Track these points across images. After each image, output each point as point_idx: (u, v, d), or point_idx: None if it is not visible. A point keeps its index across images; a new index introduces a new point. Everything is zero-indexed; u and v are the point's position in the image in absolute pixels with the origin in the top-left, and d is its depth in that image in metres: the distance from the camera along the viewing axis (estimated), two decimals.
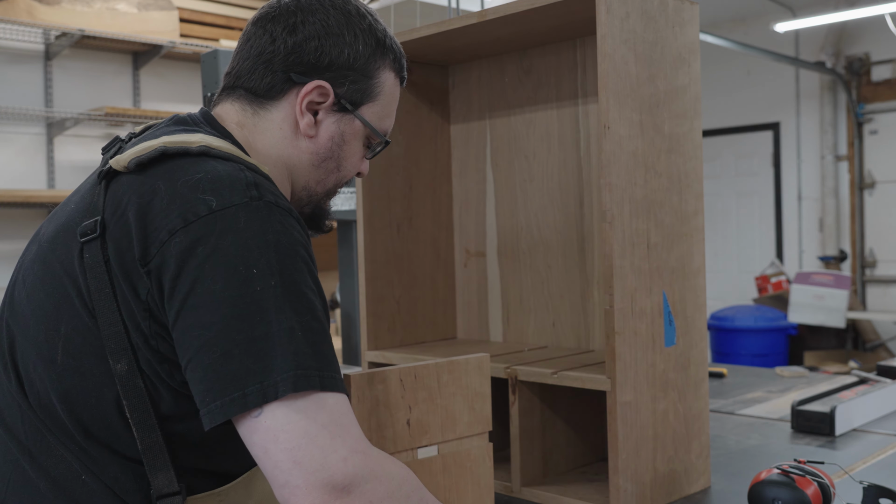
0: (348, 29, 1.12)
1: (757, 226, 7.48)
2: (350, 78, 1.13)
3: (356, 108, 1.15)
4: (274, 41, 1.11)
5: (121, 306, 0.95)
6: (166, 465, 0.97)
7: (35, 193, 4.13)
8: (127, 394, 0.96)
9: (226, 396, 0.89)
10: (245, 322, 0.90)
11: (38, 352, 1.00)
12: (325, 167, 1.16)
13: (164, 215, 0.94)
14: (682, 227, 1.56)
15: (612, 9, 1.41)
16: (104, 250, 0.97)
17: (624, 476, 1.42)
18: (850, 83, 6.94)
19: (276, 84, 1.12)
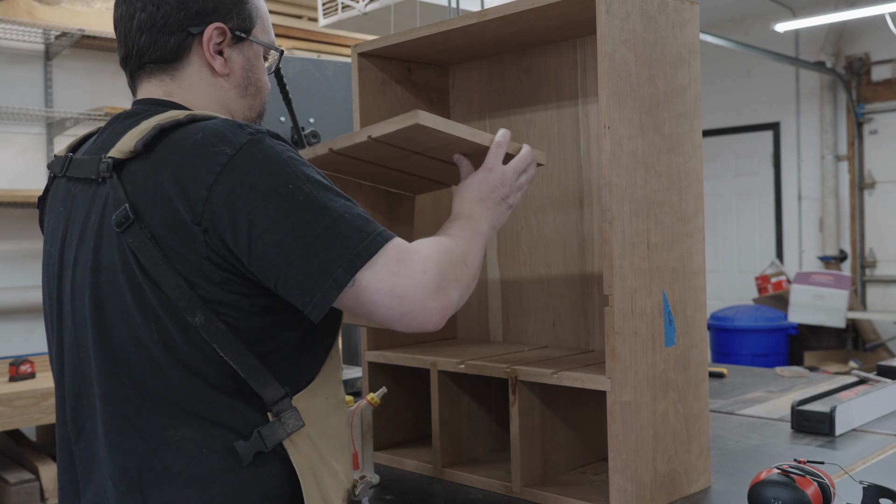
0: None
1: (757, 226, 7.48)
2: (234, 10, 1.25)
3: (248, 34, 1.28)
4: (159, 8, 1.21)
5: (179, 270, 1.08)
6: (269, 379, 1.13)
7: (35, 193, 4.13)
8: (213, 337, 1.10)
9: (322, 287, 1.06)
10: (307, 226, 1.06)
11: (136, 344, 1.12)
12: (249, 93, 1.30)
13: (193, 177, 1.07)
14: (683, 227, 1.56)
15: (612, 9, 1.41)
16: (145, 230, 1.09)
17: (624, 476, 1.42)
18: (850, 83, 6.94)
19: (181, 42, 1.22)
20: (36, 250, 4.45)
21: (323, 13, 3.69)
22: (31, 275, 4.42)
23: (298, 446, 1.15)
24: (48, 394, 3.62)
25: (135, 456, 1.13)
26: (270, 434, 1.12)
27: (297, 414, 1.14)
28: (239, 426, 1.13)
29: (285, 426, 1.13)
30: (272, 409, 1.13)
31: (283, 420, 1.13)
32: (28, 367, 3.85)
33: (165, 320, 1.10)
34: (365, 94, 1.91)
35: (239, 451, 1.12)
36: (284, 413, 1.13)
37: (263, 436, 1.12)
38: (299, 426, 1.14)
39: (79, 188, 1.21)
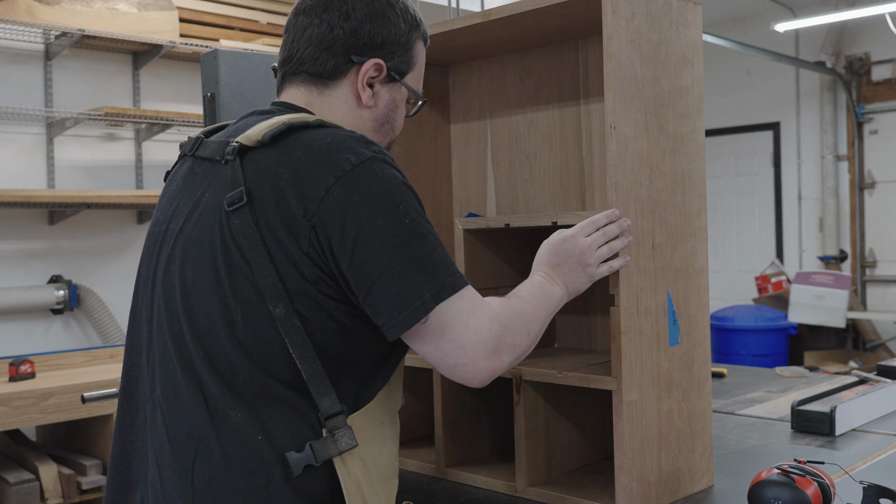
0: (391, 10, 1.31)
1: (757, 226, 7.48)
2: (397, 53, 1.32)
3: (402, 77, 1.34)
4: (332, 29, 1.27)
5: (274, 259, 1.12)
6: (329, 389, 1.15)
7: (35, 193, 4.12)
8: (287, 332, 1.13)
9: (409, 307, 1.10)
10: (408, 247, 1.11)
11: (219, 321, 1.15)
12: (384, 130, 1.36)
13: (314, 176, 1.12)
14: (686, 227, 1.57)
15: (617, 9, 1.42)
16: (253, 214, 1.13)
17: (630, 475, 1.42)
18: (850, 83, 6.94)
19: (339, 66, 1.29)
20: (36, 250, 4.45)
21: None
22: (31, 275, 4.42)
23: (349, 466, 1.16)
24: (48, 394, 3.62)
25: (198, 426, 1.15)
26: (322, 449, 1.14)
27: (351, 433, 1.16)
28: (294, 428, 1.14)
29: (338, 443, 1.15)
30: (326, 423, 1.15)
31: (336, 437, 1.15)
32: (28, 367, 3.85)
33: (249, 305, 1.13)
34: None
35: (290, 461, 1.13)
36: (339, 430, 1.15)
37: (315, 450, 1.13)
38: (352, 445, 1.16)
39: (202, 167, 1.26)
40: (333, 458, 1.15)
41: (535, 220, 1.56)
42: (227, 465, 1.13)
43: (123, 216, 4.74)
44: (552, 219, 1.53)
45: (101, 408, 3.68)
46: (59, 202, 4.25)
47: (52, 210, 4.42)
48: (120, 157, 4.76)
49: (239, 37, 5.04)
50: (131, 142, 4.80)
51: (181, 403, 1.17)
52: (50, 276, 4.45)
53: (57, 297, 4.37)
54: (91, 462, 3.79)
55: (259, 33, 5.12)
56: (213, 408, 1.15)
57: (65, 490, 3.68)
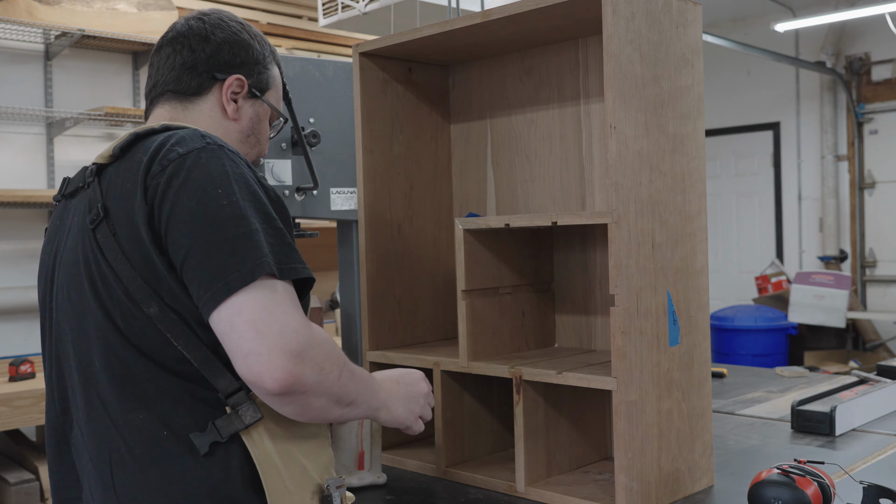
0: (246, 34, 1.43)
1: (757, 226, 7.48)
2: (256, 70, 1.43)
3: (262, 94, 1.45)
4: (194, 52, 1.39)
5: (134, 265, 1.16)
6: (221, 370, 1.16)
7: (35, 193, 4.13)
8: (167, 327, 1.16)
9: (213, 287, 1.10)
10: (217, 228, 1.12)
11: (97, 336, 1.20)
12: (249, 142, 1.45)
13: (150, 173, 1.18)
14: (686, 227, 1.57)
15: (618, 9, 1.42)
16: (111, 226, 1.19)
17: (629, 475, 1.42)
18: (850, 83, 6.94)
19: (204, 83, 1.39)
20: (36, 250, 4.45)
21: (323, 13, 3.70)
22: (31, 275, 4.42)
23: (255, 438, 1.18)
24: None
25: (106, 438, 1.20)
26: (225, 425, 1.16)
27: (254, 406, 1.17)
28: (198, 416, 1.17)
29: (242, 418, 1.16)
30: (228, 401, 1.17)
31: (239, 412, 1.17)
32: (28, 367, 3.85)
33: (125, 308, 1.18)
34: (366, 93, 1.91)
35: (194, 441, 1.16)
36: (241, 406, 1.17)
37: (219, 427, 1.16)
38: (257, 418, 1.17)
39: (73, 202, 1.33)
40: (240, 432, 1.17)
41: (535, 220, 1.57)
42: (140, 466, 1.17)
43: None
44: (552, 219, 1.53)
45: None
46: None
47: (52, 210, 4.42)
48: None
49: None
50: None
51: (90, 419, 1.22)
52: None
53: None
54: None
55: None
56: (114, 417, 1.19)
57: None
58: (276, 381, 1.07)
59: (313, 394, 1.12)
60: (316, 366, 1.11)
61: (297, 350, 1.09)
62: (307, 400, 1.12)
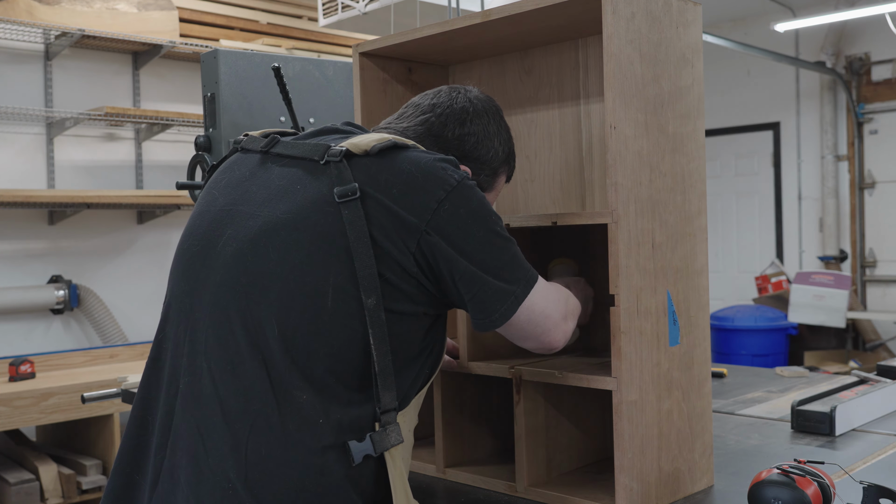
0: (498, 138, 1.51)
1: (757, 226, 7.48)
2: (485, 172, 1.51)
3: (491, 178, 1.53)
4: (445, 127, 1.46)
5: (376, 253, 1.21)
6: (392, 385, 1.23)
7: (35, 193, 4.13)
8: (372, 323, 1.20)
9: (508, 300, 1.29)
10: (501, 252, 1.30)
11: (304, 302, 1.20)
12: None
13: (426, 189, 1.25)
14: (686, 227, 1.57)
15: (618, 9, 1.42)
16: (364, 209, 1.23)
17: (630, 475, 1.42)
18: (850, 83, 6.94)
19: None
20: (36, 250, 4.45)
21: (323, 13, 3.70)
22: (31, 275, 4.42)
23: (395, 461, 1.23)
24: (48, 394, 3.63)
25: (258, 401, 1.18)
26: (381, 441, 1.21)
27: (399, 429, 1.23)
28: (353, 417, 1.20)
29: (390, 438, 1.21)
30: (381, 417, 1.21)
31: (387, 431, 1.21)
32: (28, 367, 3.85)
33: (342, 292, 1.20)
34: (366, 93, 1.91)
35: (351, 449, 1.19)
36: (391, 425, 1.22)
37: (374, 441, 1.20)
38: (399, 441, 1.23)
39: (282, 163, 1.33)
40: (385, 451, 1.21)
41: (535, 220, 1.57)
42: (286, 442, 1.17)
43: (123, 216, 4.74)
44: (552, 219, 1.53)
45: (101, 408, 3.68)
46: (59, 202, 4.25)
47: (52, 210, 4.43)
48: (120, 157, 4.76)
49: (239, 37, 5.05)
50: (131, 142, 4.80)
51: (240, 378, 1.20)
52: (50, 276, 4.45)
53: (57, 297, 4.37)
54: (91, 462, 3.79)
55: (259, 33, 5.12)
56: (277, 385, 1.18)
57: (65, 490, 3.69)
58: (562, 342, 1.40)
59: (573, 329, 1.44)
60: (573, 316, 1.44)
61: (564, 314, 1.40)
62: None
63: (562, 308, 1.39)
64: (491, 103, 1.52)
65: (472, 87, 1.54)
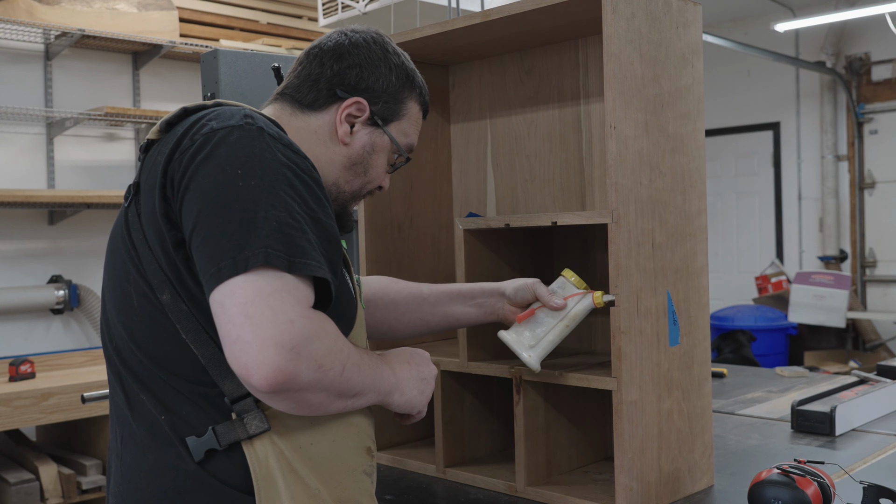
0: (385, 63, 1.34)
1: (757, 226, 7.48)
2: (383, 100, 1.34)
3: (385, 124, 1.35)
4: (322, 65, 1.32)
5: (153, 247, 1.13)
6: (229, 371, 1.09)
7: (35, 193, 4.13)
8: (177, 318, 1.11)
9: (209, 270, 1.03)
10: (225, 209, 1.05)
11: (118, 307, 1.19)
12: (355, 170, 1.34)
13: (182, 147, 1.12)
14: (686, 227, 1.57)
15: (618, 9, 1.42)
16: (138, 206, 1.16)
17: (630, 475, 1.42)
18: (850, 83, 6.94)
19: (321, 98, 1.31)
20: (36, 250, 4.45)
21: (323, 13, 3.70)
22: (31, 275, 4.42)
23: (259, 451, 1.11)
24: (48, 394, 3.63)
25: (122, 410, 1.21)
26: (225, 432, 1.10)
27: (262, 416, 1.10)
28: (202, 411, 1.12)
29: (246, 427, 1.10)
30: (234, 406, 1.10)
31: (245, 420, 1.10)
32: (28, 367, 3.85)
33: (141, 293, 1.15)
34: None
35: (189, 446, 1.10)
36: (248, 413, 1.10)
37: (218, 433, 1.10)
38: (263, 429, 1.10)
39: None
40: (242, 441, 1.10)
41: (535, 220, 1.56)
42: (142, 445, 1.16)
43: None
44: (552, 219, 1.53)
45: (101, 408, 3.68)
46: (59, 202, 4.25)
47: (52, 210, 4.42)
48: (120, 157, 4.76)
49: (239, 37, 5.05)
50: (131, 142, 4.80)
51: (113, 392, 1.23)
52: (50, 276, 4.45)
53: (57, 297, 4.37)
54: (91, 462, 3.79)
55: (259, 33, 5.12)
56: (129, 392, 1.18)
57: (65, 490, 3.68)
58: (263, 378, 0.98)
59: (309, 391, 1.03)
60: (314, 362, 1.01)
61: (290, 343, 0.99)
62: (302, 396, 1.03)
63: (294, 332, 0.99)
64: (371, 35, 1.36)
65: (357, 26, 1.39)
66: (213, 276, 1.02)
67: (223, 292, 1.01)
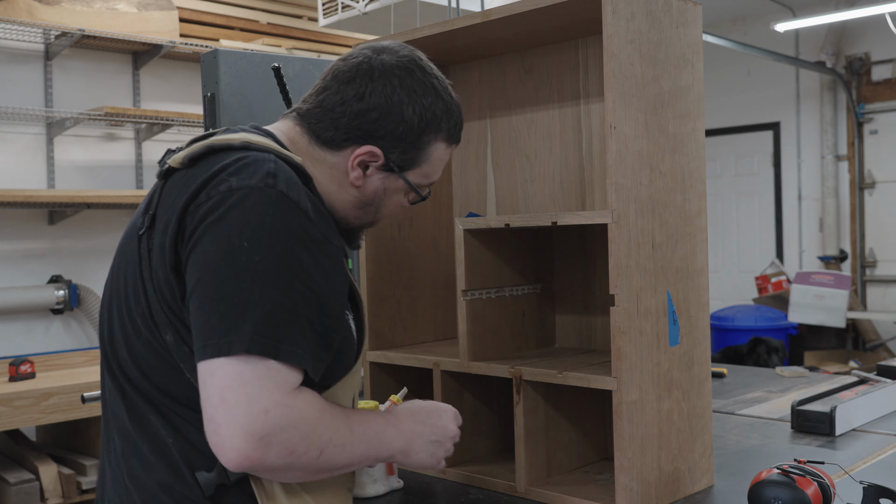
0: (409, 104, 1.24)
1: (757, 226, 7.48)
2: (400, 148, 1.26)
3: (402, 171, 1.28)
4: (343, 103, 1.24)
5: (158, 287, 1.11)
6: None
7: (35, 193, 4.13)
8: (180, 358, 1.11)
9: (196, 342, 1.04)
10: (222, 284, 1.04)
11: (124, 333, 1.17)
12: (366, 210, 1.30)
13: (198, 200, 1.09)
14: (686, 227, 1.57)
15: (618, 9, 1.42)
16: (150, 241, 1.14)
17: (630, 475, 1.42)
18: (850, 83, 6.94)
19: (337, 139, 1.25)
20: (36, 250, 4.45)
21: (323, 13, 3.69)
22: (31, 275, 4.42)
23: (266, 487, 1.13)
24: (48, 394, 3.62)
25: (118, 419, 1.19)
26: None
27: None
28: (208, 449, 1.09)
29: None
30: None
31: None
32: (28, 367, 3.85)
33: (147, 328, 1.14)
34: None
35: (199, 480, 1.11)
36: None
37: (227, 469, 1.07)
38: None
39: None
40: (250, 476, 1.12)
41: (535, 220, 1.56)
42: (147, 463, 1.15)
43: (123, 216, 4.74)
44: (552, 219, 1.53)
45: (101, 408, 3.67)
46: (59, 202, 4.25)
47: (52, 210, 4.42)
48: (120, 157, 4.76)
49: (239, 37, 5.04)
50: (131, 142, 4.80)
51: (110, 399, 1.22)
52: (50, 276, 4.45)
53: (57, 297, 4.37)
54: (91, 462, 3.79)
55: (259, 33, 5.12)
56: (132, 407, 1.17)
57: (65, 490, 3.68)
58: (230, 461, 1.00)
59: (282, 471, 1.05)
60: (284, 449, 1.02)
61: (261, 433, 0.99)
62: (275, 475, 1.07)
63: (266, 421, 1.00)
64: (404, 64, 1.26)
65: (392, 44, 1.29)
66: (199, 350, 1.04)
67: (206, 369, 1.02)
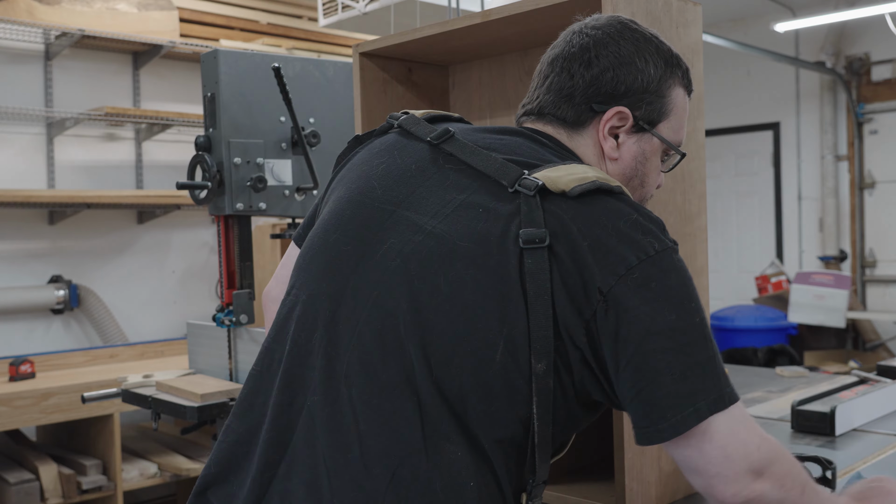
0: (639, 56, 1.21)
1: (757, 226, 7.48)
2: (646, 100, 1.21)
3: (653, 126, 1.23)
4: (572, 77, 1.21)
5: (556, 313, 1.05)
6: (548, 457, 1.12)
7: (35, 193, 4.13)
8: (539, 390, 1.06)
9: (682, 413, 1.03)
10: (694, 348, 1.04)
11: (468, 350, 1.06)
12: (631, 185, 1.25)
13: (618, 251, 1.05)
14: (686, 227, 1.57)
15: (618, 9, 1.42)
16: (549, 261, 1.06)
17: (630, 475, 1.42)
18: (850, 83, 6.94)
19: (581, 114, 1.21)
20: (36, 250, 4.45)
21: (323, 13, 3.70)
22: (31, 275, 4.42)
23: None
24: (48, 394, 3.63)
25: (406, 445, 1.04)
26: None
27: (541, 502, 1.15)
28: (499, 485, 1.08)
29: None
30: (533, 490, 1.13)
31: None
32: (28, 367, 3.85)
33: (511, 350, 1.06)
34: (366, 93, 1.91)
35: None
36: (536, 499, 1.14)
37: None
38: None
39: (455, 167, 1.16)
40: None
41: None
42: (429, 500, 1.04)
43: (123, 216, 4.74)
44: None
45: (101, 408, 3.68)
46: (59, 202, 4.25)
47: (52, 210, 4.43)
48: (120, 157, 4.76)
49: (239, 37, 5.05)
50: (131, 142, 4.80)
51: (387, 415, 1.05)
52: (50, 276, 4.45)
53: (57, 297, 4.37)
54: (91, 462, 3.79)
55: (259, 33, 5.12)
56: (430, 432, 1.05)
57: (65, 490, 3.69)
58: (735, 495, 1.04)
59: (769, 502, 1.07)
60: (777, 481, 1.06)
61: (758, 468, 1.05)
62: None
63: (759, 456, 1.05)
64: (614, 25, 1.23)
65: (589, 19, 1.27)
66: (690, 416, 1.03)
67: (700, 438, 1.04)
